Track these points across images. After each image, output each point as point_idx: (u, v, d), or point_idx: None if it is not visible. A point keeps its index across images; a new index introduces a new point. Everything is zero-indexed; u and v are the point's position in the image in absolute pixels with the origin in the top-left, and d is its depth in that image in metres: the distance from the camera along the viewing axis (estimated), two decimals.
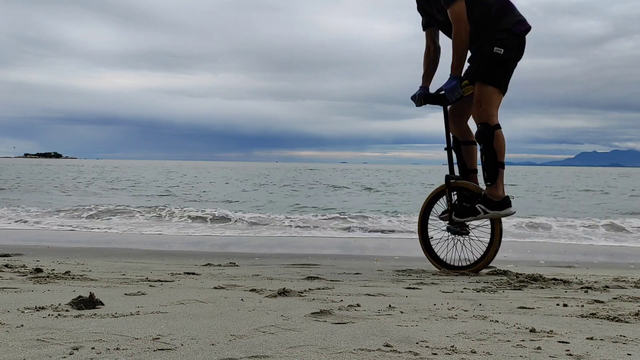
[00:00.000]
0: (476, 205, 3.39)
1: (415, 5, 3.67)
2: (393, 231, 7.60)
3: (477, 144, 3.46)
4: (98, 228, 7.41)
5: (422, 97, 3.61)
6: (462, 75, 3.45)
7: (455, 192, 3.60)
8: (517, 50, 3.38)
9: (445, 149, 3.63)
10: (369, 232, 7.54)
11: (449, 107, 3.60)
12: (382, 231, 7.57)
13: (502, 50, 3.28)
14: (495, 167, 3.34)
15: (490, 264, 3.85)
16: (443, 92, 3.47)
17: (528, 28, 3.39)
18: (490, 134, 3.32)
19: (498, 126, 3.35)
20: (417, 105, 3.66)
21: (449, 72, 3.45)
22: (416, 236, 3.87)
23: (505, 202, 3.36)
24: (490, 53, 3.30)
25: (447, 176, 3.60)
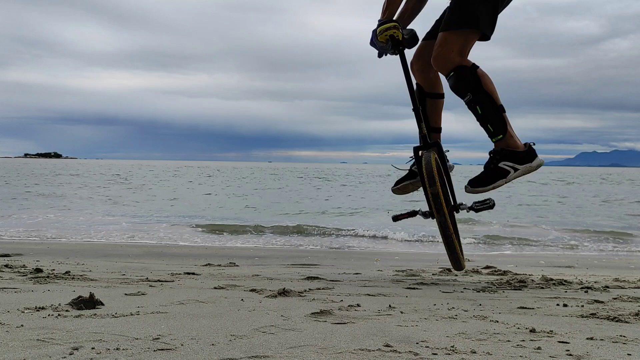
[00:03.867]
0: (499, 165, 2.68)
1: None
2: None
3: (459, 96, 2.69)
4: None
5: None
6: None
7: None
8: None
9: (413, 109, 2.82)
10: None
11: (420, 43, 2.89)
12: None
13: None
14: (499, 113, 2.66)
15: (491, 264, 3.86)
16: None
17: None
18: (474, 75, 2.63)
19: (476, 66, 2.68)
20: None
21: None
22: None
23: (532, 151, 2.69)
24: None
25: (424, 136, 2.78)
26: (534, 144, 2.74)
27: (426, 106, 2.94)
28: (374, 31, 2.78)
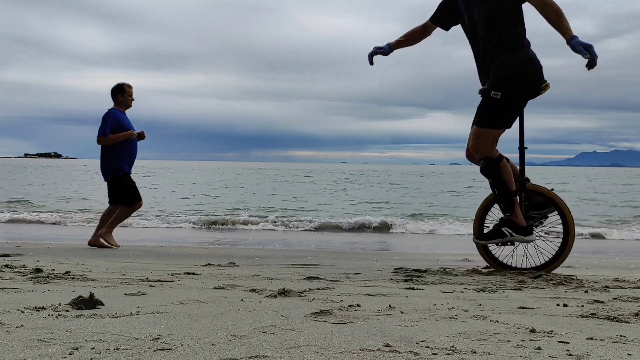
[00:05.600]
0: (502, 228, 3.42)
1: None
2: None
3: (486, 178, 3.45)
4: None
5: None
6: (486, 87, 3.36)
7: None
8: (526, 87, 3.29)
9: (519, 148, 3.53)
10: None
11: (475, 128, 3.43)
12: None
13: (499, 94, 3.26)
14: (510, 197, 3.40)
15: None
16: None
17: (541, 68, 3.34)
18: (497, 167, 3.38)
19: (501, 158, 3.41)
20: (371, 59, 3.71)
21: (565, 41, 3.17)
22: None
23: (530, 230, 3.42)
24: (488, 98, 3.32)
25: (522, 178, 3.51)
26: (535, 225, 3.52)
27: (501, 172, 3.45)
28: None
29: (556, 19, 3.16)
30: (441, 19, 3.62)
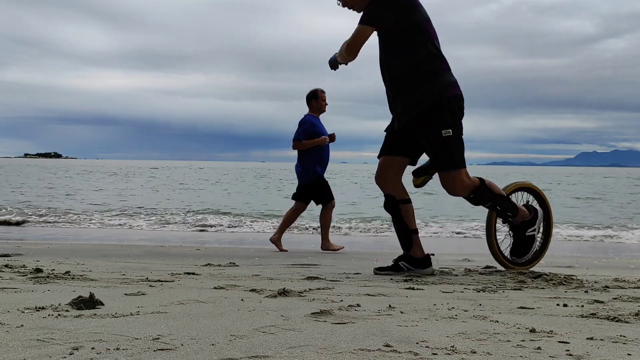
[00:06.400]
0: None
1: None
2: None
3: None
4: None
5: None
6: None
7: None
8: (461, 116, 3.23)
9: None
10: None
11: (382, 159, 3.44)
12: None
13: (451, 130, 3.14)
14: (510, 202, 3.45)
15: (491, 264, 3.86)
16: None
17: (460, 94, 3.23)
18: (487, 189, 3.31)
19: (483, 179, 3.34)
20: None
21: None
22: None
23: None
24: (440, 139, 3.15)
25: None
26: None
27: (401, 212, 3.41)
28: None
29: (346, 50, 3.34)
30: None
